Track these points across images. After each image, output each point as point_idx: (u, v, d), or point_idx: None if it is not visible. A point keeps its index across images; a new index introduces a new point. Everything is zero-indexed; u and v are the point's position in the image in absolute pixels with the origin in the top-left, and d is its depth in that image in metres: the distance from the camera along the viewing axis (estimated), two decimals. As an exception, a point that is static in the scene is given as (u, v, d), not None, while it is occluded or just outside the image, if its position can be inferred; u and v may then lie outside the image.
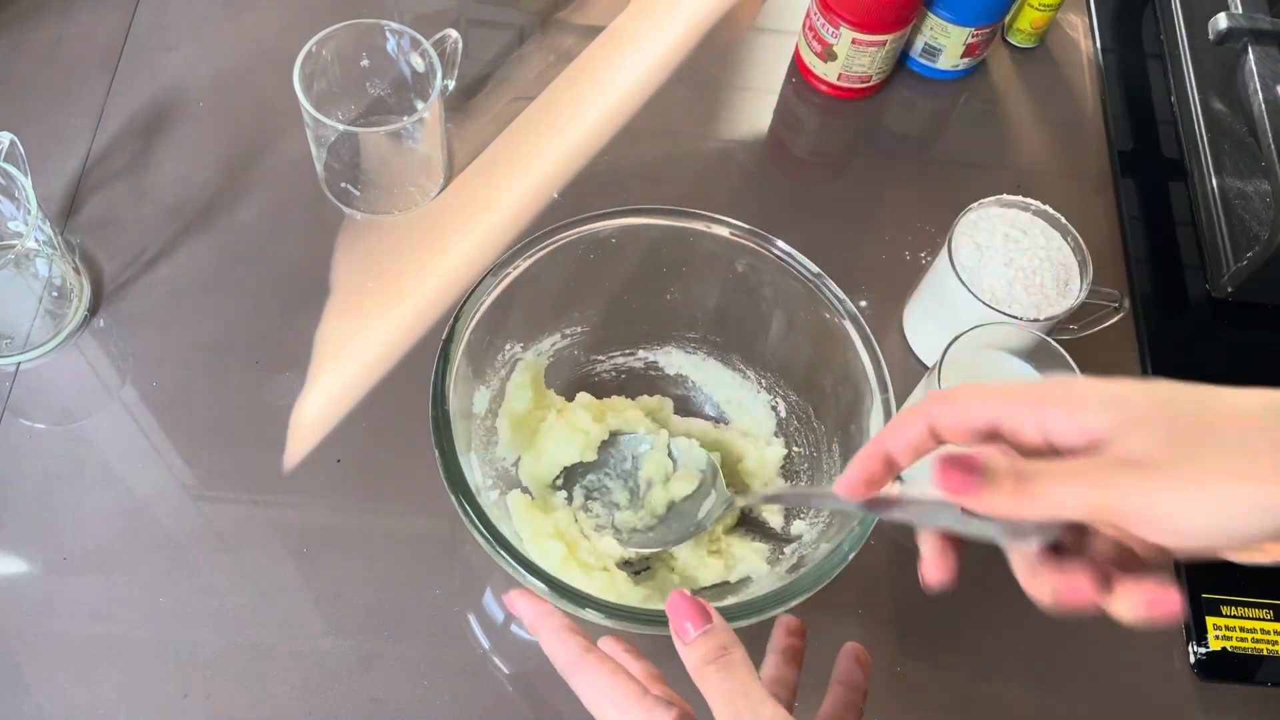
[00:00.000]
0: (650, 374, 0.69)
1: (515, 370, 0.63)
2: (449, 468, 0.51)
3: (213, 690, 0.59)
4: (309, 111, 0.67)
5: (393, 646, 0.61)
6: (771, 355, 0.65)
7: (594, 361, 0.68)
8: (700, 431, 0.66)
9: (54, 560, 0.61)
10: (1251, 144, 0.74)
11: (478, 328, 0.57)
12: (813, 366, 0.62)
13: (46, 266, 0.67)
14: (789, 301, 0.61)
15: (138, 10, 0.82)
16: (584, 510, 0.62)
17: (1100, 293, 0.67)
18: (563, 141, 0.80)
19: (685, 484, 0.61)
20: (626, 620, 0.49)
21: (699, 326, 0.67)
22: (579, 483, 0.62)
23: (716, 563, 0.60)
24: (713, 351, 0.67)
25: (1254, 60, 0.73)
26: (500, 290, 0.57)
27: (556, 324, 0.65)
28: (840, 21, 0.77)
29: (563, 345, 0.66)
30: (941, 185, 0.81)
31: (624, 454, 0.63)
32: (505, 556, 0.49)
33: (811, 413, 0.63)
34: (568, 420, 0.63)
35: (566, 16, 0.86)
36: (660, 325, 0.67)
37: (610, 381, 0.68)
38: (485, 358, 0.60)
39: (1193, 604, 0.65)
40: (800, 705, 0.61)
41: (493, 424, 0.62)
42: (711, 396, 0.68)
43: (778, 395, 0.65)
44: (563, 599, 0.48)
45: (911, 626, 0.63)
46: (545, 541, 0.58)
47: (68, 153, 0.75)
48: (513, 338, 0.62)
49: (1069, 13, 0.90)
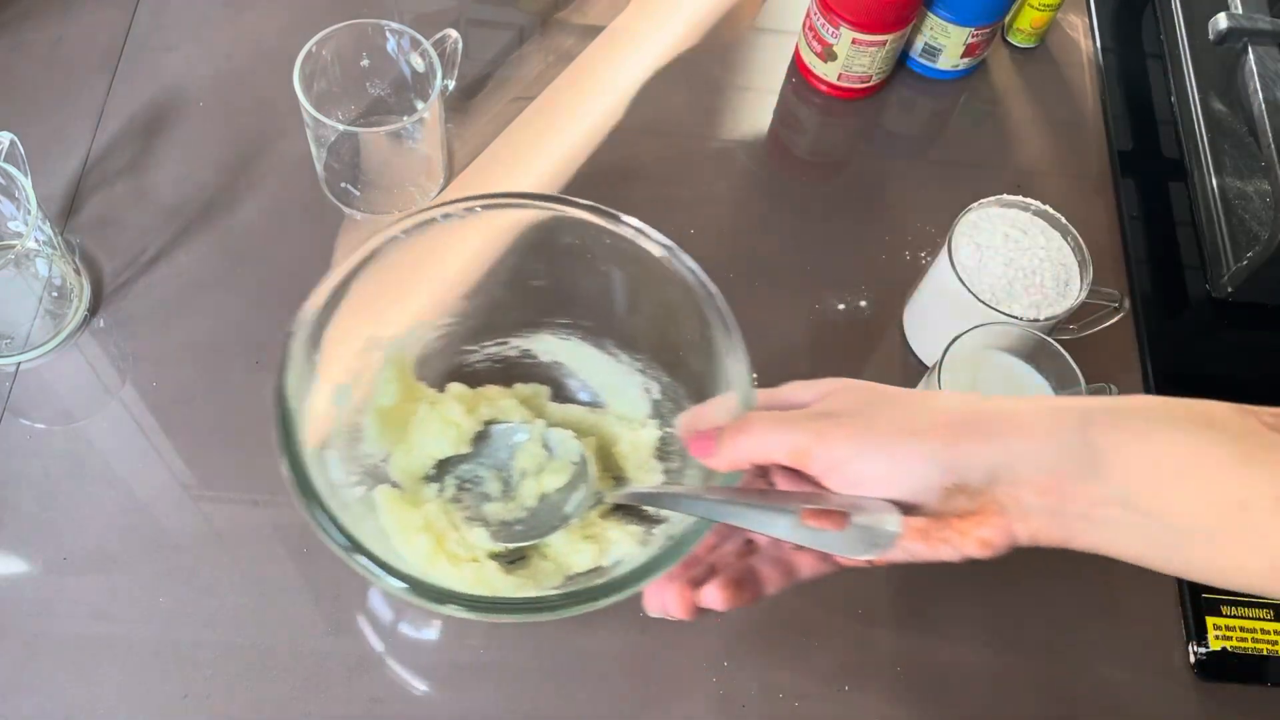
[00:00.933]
0: (526, 362, 0.67)
1: (380, 363, 0.61)
2: (292, 467, 0.50)
3: (213, 690, 0.59)
4: (309, 111, 0.67)
5: (393, 646, 0.61)
6: (641, 338, 0.64)
7: (466, 352, 0.66)
8: (576, 417, 0.65)
9: (54, 560, 0.61)
10: (1251, 144, 0.74)
11: (331, 321, 0.55)
12: (679, 347, 0.60)
13: (46, 266, 0.68)
14: (649, 281, 0.59)
15: (138, 10, 0.82)
16: (455, 502, 0.60)
17: (1100, 293, 0.67)
18: (563, 141, 0.80)
19: (557, 476, 0.60)
20: (491, 612, 0.48)
21: (570, 312, 0.65)
22: (451, 474, 0.61)
23: (590, 548, 0.59)
24: (586, 337, 0.66)
25: (1254, 60, 0.73)
26: (353, 283, 0.56)
27: (422, 315, 0.63)
28: (840, 21, 0.77)
29: (431, 337, 0.64)
30: (941, 185, 0.81)
31: (499, 445, 0.62)
32: (347, 552, 0.48)
33: (682, 394, 0.62)
34: (439, 413, 0.61)
35: (566, 16, 0.86)
36: (531, 312, 0.66)
37: (485, 371, 0.67)
38: (342, 351, 0.58)
39: (1193, 604, 0.65)
40: (799, 705, 0.61)
41: (356, 419, 0.61)
42: (587, 382, 0.67)
43: (650, 378, 0.64)
44: (420, 597, 0.47)
45: (912, 626, 0.63)
46: (412, 535, 0.56)
47: (68, 153, 0.75)
48: (374, 329, 0.60)
49: (1069, 13, 0.90)
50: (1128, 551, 0.39)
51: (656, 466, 0.63)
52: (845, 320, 0.74)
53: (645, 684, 0.61)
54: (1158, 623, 0.65)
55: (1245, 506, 0.37)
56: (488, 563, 0.58)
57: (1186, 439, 0.38)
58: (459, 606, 0.48)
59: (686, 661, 0.61)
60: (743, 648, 0.62)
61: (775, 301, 0.74)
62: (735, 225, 0.77)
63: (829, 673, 0.62)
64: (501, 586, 0.56)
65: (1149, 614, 0.65)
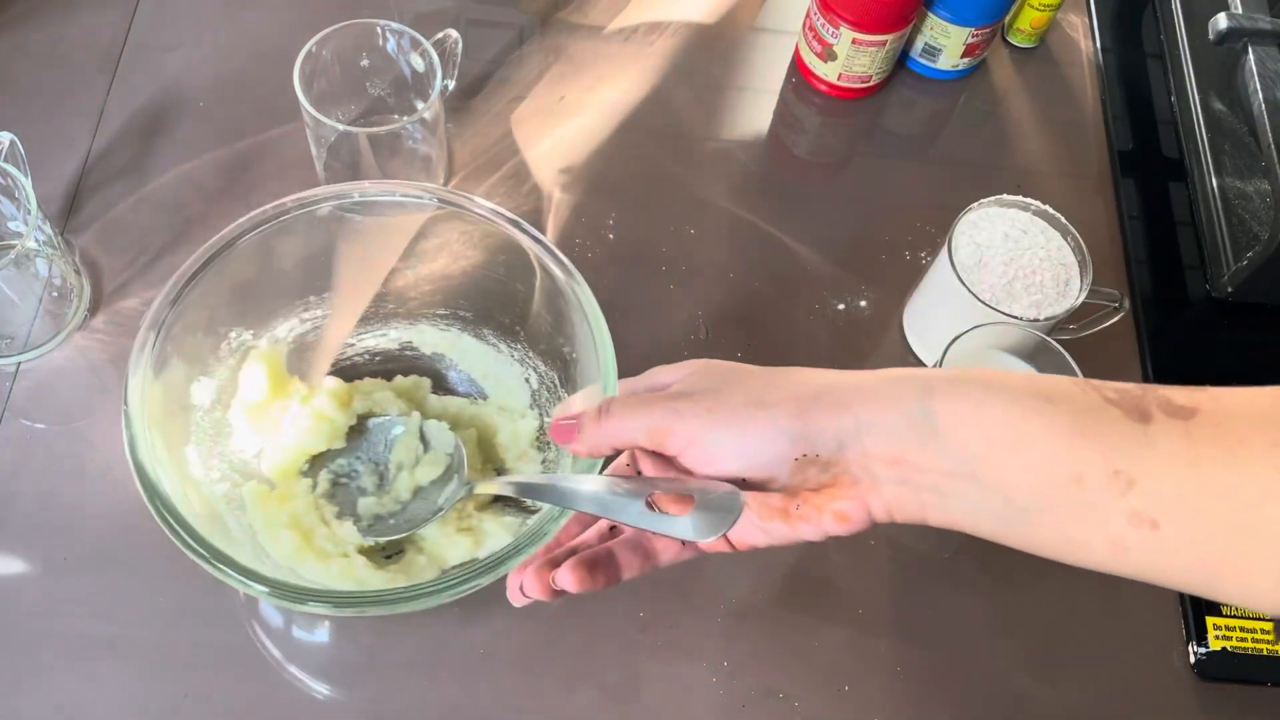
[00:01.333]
0: (407, 354, 0.67)
1: (247, 359, 0.61)
2: (137, 468, 0.50)
3: (213, 690, 0.59)
4: (309, 111, 0.67)
5: (393, 646, 0.61)
6: (516, 326, 0.64)
7: (344, 346, 0.66)
8: (456, 409, 0.65)
9: (54, 560, 0.61)
10: (1251, 144, 0.74)
11: (184, 317, 0.55)
12: (551, 334, 0.61)
13: (46, 266, 0.68)
14: (514, 268, 0.60)
15: (138, 10, 0.82)
16: (328, 498, 0.60)
17: (1100, 293, 0.67)
18: (562, 141, 0.80)
19: (432, 469, 0.60)
20: (355, 606, 0.48)
21: (446, 302, 0.65)
22: (327, 468, 0.61)
23: (465, 540, 0.59)
24: (465, 327, 0.66)
25: (1254, 60, 0.73)
26: (205, 278, 0.55)
27: (291, 308, 0.63)
28: (840, 21, 0.77)
29: (304, 330, 0.64)
30: (941, 185, 0.81)
31: (376, 439, 0.61)
32: (197, 551, 0.48)
33: (556, 381, 0.62)
34: (312, 407, 0.61)
35: (566, 16, 0.86)
36: (407, 303, 0.66)
37: (366, 364, 0.67)
38: (203, 348, 0.58)
39: (1193, 604, 0.65)
40: (799, 705, 0.61)
41: (223, 416, 0.61)
42: (468, 373, 0.67)
43: (529, 367, 0.64)
44: (282, 599, 0.48)
45: (912, 626, 0.63)
46: (278, 531, 0.57)
47: (68, 153, 0.75)
48: (238, 325, 0.60)
49: (1069, 13, 0.90)
50: (981, 527, 0.38)
51: (535, 456, 0.63)
52: (845, 320, 0.74)
53: (645, 683, 0.61)
54: (1158, 623, 0.65)
55: (1080, 480, 0.36)
56: (357, 558, 0.57)
57: (1022, 410, 0.37)
58: (321, 604, 0.48)
59: (686, 661, 0.61)
60: (743, 648, 0.62)
61: (775, 301, 0.74)
62: (735, 225, 0.77)
63: (829, 673, 0.62)
64: (371, 581, 0.56)
65: (1149, 614, 0.65)
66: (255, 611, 0.61)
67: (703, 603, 0.63)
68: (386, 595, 0.48)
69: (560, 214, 0.76)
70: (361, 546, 0.59)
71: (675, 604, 0.63)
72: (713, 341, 0.72)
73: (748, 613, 0.63)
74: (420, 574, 0.58)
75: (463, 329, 0.66)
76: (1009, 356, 0.64)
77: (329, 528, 0.59)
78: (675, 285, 0.74)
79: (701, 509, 0.40)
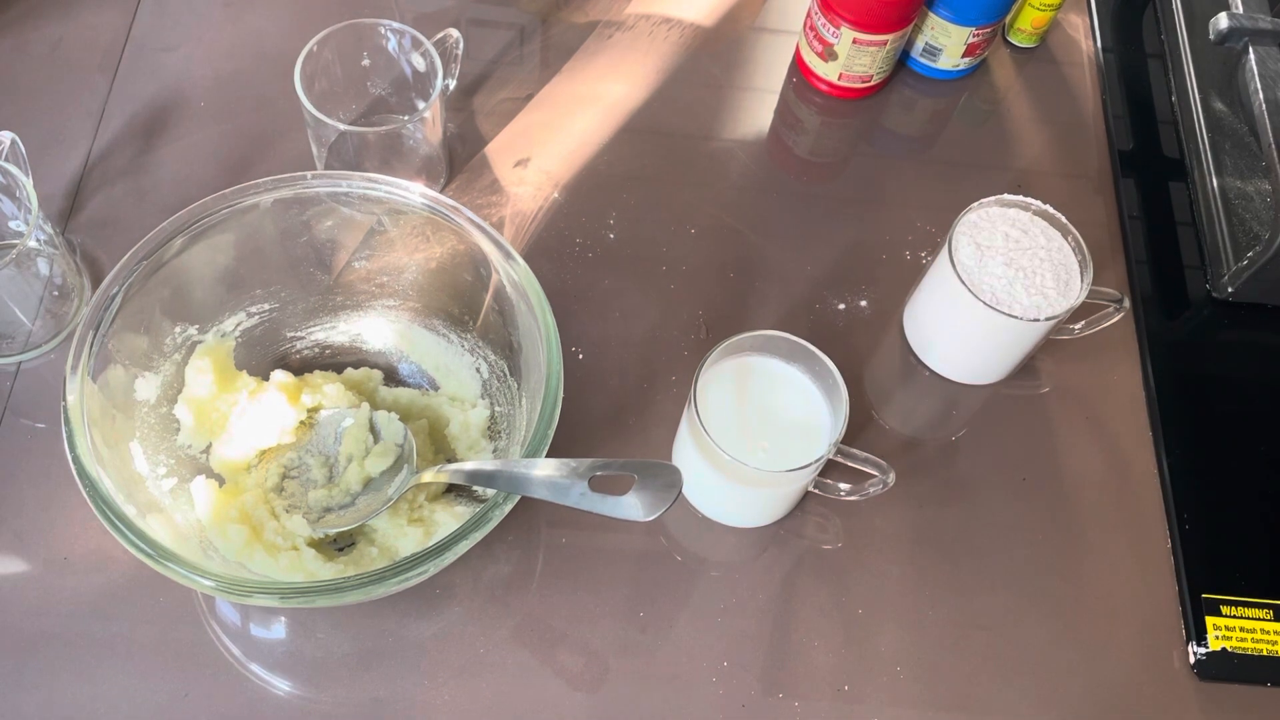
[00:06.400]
0: (357, 346, 0.67)
1: (192, 354, 0.61)
2: (76, 465, 0.50)
3: (213, 690, 0.59)
4: (310, 111, 0.67)
5: (393, 646, 0.61)
6: (466, 315, 0.64)
7: (292, 339, 0.65)
8: (408, 401, 0.65)
9: (54, 560, 0.61)
10: (1252, 144, 0.74)
11: (122, 313, 0.55)
12: (499, 324, 0.61)
13: (47, 266, 0.68)
14: (460, 258, 0.60)
15: (138, 10, 0.82)
16: (278, 491, 0.60)
17: (1100, 293, 0.67)
18: (563, 141, 0.80)
19: (382, 459, 0.60)
20: (300, 597, 0.48)
21: (395, 294, 0.65)
22: (277, 462, 0.61)
23: (417, 531, 0.59)
24: (415, 318, 0.65)
25: (1254, 60, 0.73)
26: (141, 274, 0.55)
27: (236, 302, 0.62)
28: (841, 21, 0.77)
29: (250, 324, 0.63)
30: (941, 185, 0.81)
31: (326, 431, 0.61)
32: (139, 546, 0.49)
33: (506, 370, 0.62)
34: (260, 402, 0.61)
35: (566, 16, 0.86)
36: (355, 295, 0.65)
37: (316, 358, 0.66)
38: (145, 344, 0.58)
39: (1193, 604, 0.65)
40: (799, 705, 0.61)
41: (169, 411, 0.60)
42: (420, 364, 0.67)
43: (480, 357, 0.64)
44: (228, 593, 0.48)
45: (912, 626, 0.63)
46: (227, 526, 0.57)
47: (68, 153, 0.75)
48: (182, 320, 0.60)
49: (1069, 12, 0.90)
50: None
51: (487, 446, 0.63)
52: (845, 320, 0.74)
53: (645, 683, 0.61)
54: (1158, 623, 0.65)
55: None
56: (307, 550, 0.58)
57: None
58: (267, 596, 0.48)
59: (686, 661, 0.61)
60: (743, 648, 0.62)
61: (776, 301, 0.74)
62: (735, 225, 0.77)
63: (829, 673, 0.62)
64: (322, 574, 0.56)
65: (1149, 614, 0.65)
66: (256, 611, 0.61)
67: (703, 603, 0.63)
68: (333, 585, 0.48)
69: (560, 214, 0.76)
70: (312, 540, 0.59)
71: (675, 604, 0.63)
72: (713, 341, 0.72)
73: (748, 613, 0.63)
74: (371, 566, 0.58)
75: (412, 319, 0.66)
76: (776, 361, 0.63)
77: (278, 521, 0.59)
78: (675, 285, 0.74)
79: (642, 488, 0.40)
